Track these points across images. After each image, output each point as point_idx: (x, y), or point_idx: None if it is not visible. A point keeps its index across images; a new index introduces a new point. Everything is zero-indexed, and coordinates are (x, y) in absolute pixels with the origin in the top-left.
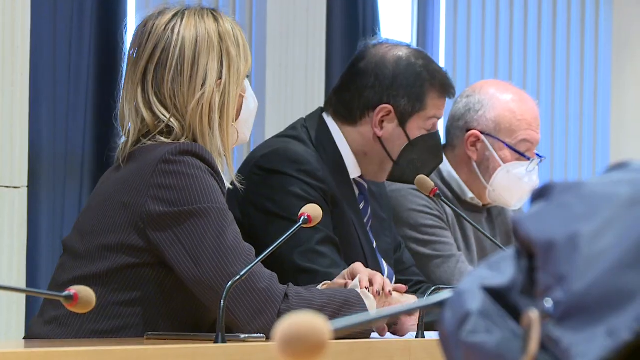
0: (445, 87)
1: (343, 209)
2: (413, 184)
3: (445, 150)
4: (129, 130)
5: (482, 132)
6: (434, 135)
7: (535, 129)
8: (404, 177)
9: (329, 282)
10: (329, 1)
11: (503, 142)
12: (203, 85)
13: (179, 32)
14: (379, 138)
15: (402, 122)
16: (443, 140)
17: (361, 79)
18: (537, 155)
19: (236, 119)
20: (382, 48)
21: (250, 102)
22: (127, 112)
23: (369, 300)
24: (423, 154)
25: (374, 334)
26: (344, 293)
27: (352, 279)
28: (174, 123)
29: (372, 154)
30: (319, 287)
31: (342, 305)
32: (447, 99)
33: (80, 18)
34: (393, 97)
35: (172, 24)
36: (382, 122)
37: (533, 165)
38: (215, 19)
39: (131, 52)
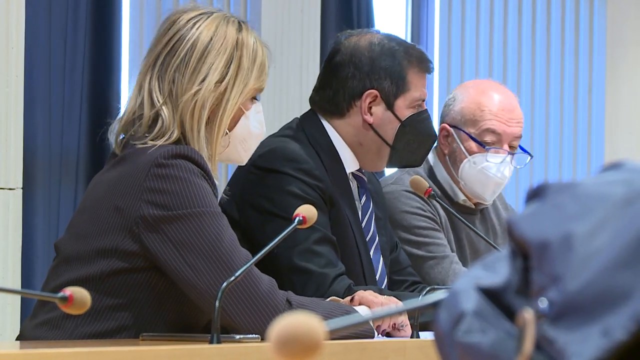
0: (422, 62)
1: (340, 208)
2: (414, 166)
3: (435, 151)
4: (126, 109)
5: (450, 125)
6: (423, 112)
7: (504, 121)
8: (403, 161)
9: (335, 298)
10: (323, 3)
11: (467, 133)
12: (203, 80)
13: (198, 27)
14: (370, 125)
15: (389, 105)
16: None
17: (340, 71)
18: (526, 153)
19: (229, 130)
20: (354, 38)
21: (254, 124)
22: (131, 93)
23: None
24: (417, 133)
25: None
26: (345, 308)
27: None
28: (164, 112)
29: (367, 142)
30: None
31: None
32: (427, 74)
33: (75, 19)
34: (375, 80)
35: (196, 20)
36: (370, 108)
37: (501, 158)
38: (240, 29)
39: (154, 39)
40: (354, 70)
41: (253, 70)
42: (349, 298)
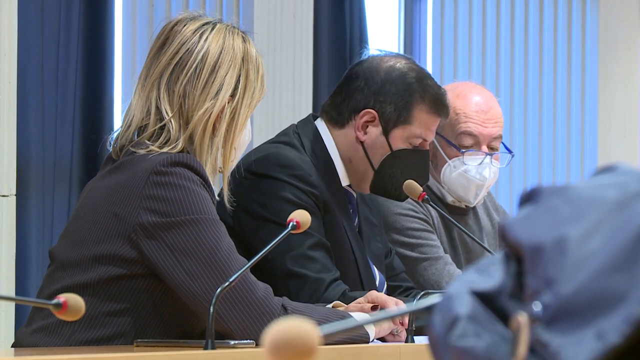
0: (436, 105)
1: (334, 215)
2: (397, 199)
3: None
4: (131, 120)
5: None
6: (420, 152)
7: (479, 122)
8: (386, 190)
9: (339, 302)
10: (315, 7)
11: (444, 138)
12: (216, 94)
13: (206, 39)
14: (362, 143)
15: (386, 131)
16: None
17: (353, 82)
18: (508, 151)
19: None
20: (381, 57)
21: (246, 134)
22: (134, 103)
23: (369, 328)
24: (406, 169)
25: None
26: (339, 314)
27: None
28: (172, 124)
29: (356, 160)
30: (329, 305)
31: None
32: (438, 117)
33: (68, 25)
34: (380, 102)
35: (202, 30)
36: (366, 126)
37: (479, 160)
38: (244, 40)
39: (154, 48)
40: (363, 85)
41: (258, 83)
42: (362, 299)
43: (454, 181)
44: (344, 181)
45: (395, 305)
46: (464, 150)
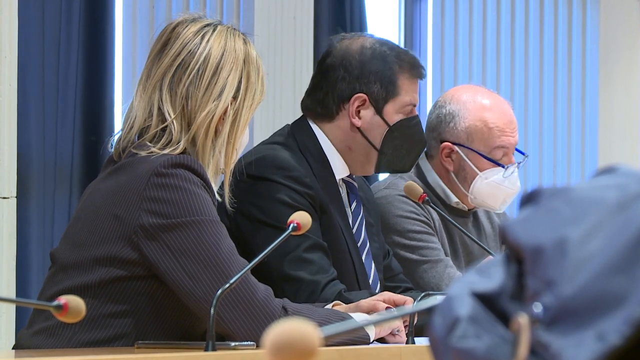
0: (414, 68)
1: (331, 215)
2: (404, 171)
3: (427, 159)
4: (133, 122)
5: (455, 143)
6: (413, 118)
7: (509, 134)
8: (392, 166)
9: (339, 302)
10: (316, 8)
11: (477, 152)
12: (219, 96)
13: (208, 40)
14: (359, 129)
15: (378, 109)
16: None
17: (331, 74)
18: (521, 154)
19: None
20: (346, 41)
21: (245, 134)
22: (136, 105)
23: (369, 329)
24: (406, 139)
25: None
26: (340, 315)
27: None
28: (174, 126)
29: (356, 146)
30: (329, 306)
31: None
32: (419, 80)
33: (68, 28)
34: (365, 84)
35: (204, 32)
36: (358, 111)
37: (511, 170)
38: (245, 42)
39: (155, 50)
40: (343, 73)
41: (258, 84)
42: (378, 297)
43: (484, 191)
44: (342, 173)
45: (410, 303)
46: (504, 165)
